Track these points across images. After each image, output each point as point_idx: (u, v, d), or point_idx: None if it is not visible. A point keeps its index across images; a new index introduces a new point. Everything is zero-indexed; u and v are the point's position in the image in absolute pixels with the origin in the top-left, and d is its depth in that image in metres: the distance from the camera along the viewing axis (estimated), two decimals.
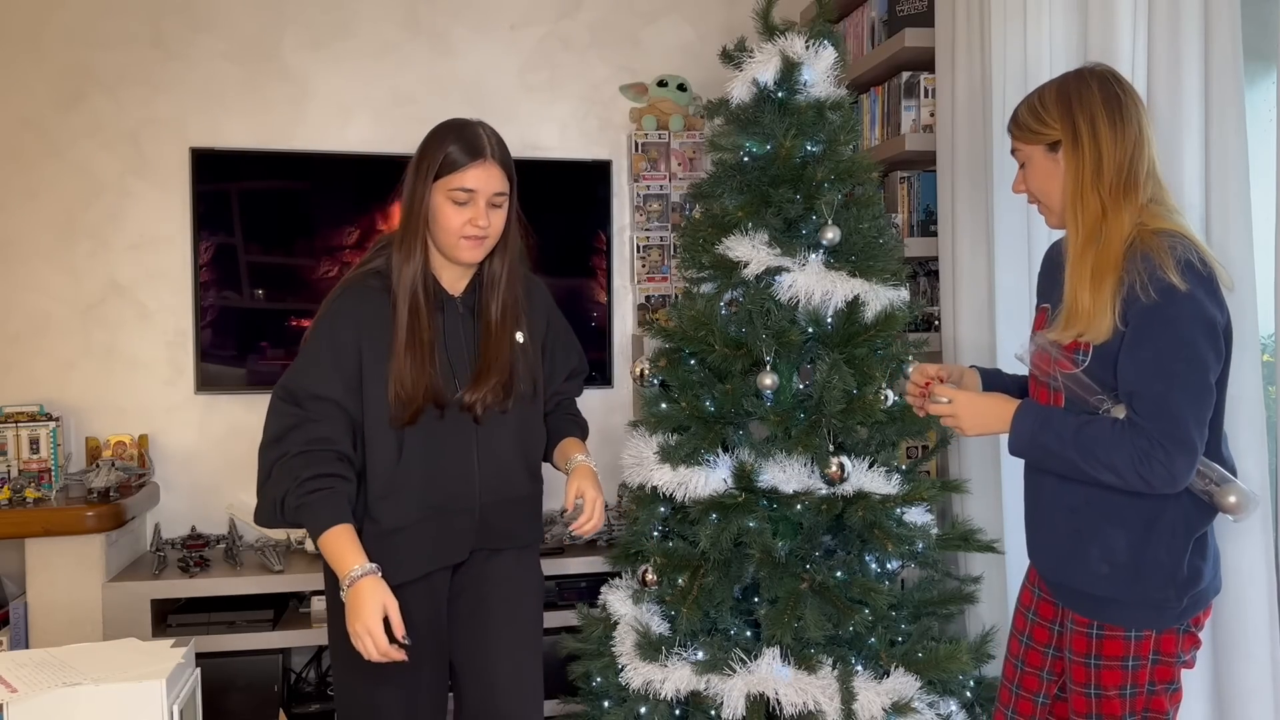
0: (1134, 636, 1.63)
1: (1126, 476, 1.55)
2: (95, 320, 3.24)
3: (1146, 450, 1.52)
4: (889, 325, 2.18)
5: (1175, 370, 1.52)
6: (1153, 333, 1.53)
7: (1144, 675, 1.63)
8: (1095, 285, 1.57)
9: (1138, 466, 1.53)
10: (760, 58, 2.24)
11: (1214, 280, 1.55)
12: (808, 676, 2.09)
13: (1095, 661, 1.66)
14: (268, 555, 3.02)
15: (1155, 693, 1.64)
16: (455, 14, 3.45)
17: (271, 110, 3.33)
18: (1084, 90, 1.63)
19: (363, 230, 3.32)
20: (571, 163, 3.49)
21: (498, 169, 1.81)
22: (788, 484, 2.14)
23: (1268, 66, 2.13)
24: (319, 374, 1.78)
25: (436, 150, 1.79)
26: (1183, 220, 1.64)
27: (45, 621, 2.83)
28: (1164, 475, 1.52)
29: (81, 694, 1.38)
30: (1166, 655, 1.64)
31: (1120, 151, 1.60)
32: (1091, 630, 1.66)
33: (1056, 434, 1.62)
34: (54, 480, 3.02)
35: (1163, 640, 1.63)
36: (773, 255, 2.20)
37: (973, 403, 1.74)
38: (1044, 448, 1.64)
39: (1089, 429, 1.59)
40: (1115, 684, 1.64)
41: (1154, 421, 1.53)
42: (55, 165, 3.21)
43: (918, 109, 2.84)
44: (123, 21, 3.24)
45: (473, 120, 1.85)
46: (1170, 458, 1.51)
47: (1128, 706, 1.64)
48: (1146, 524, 1.61)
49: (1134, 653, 1.63)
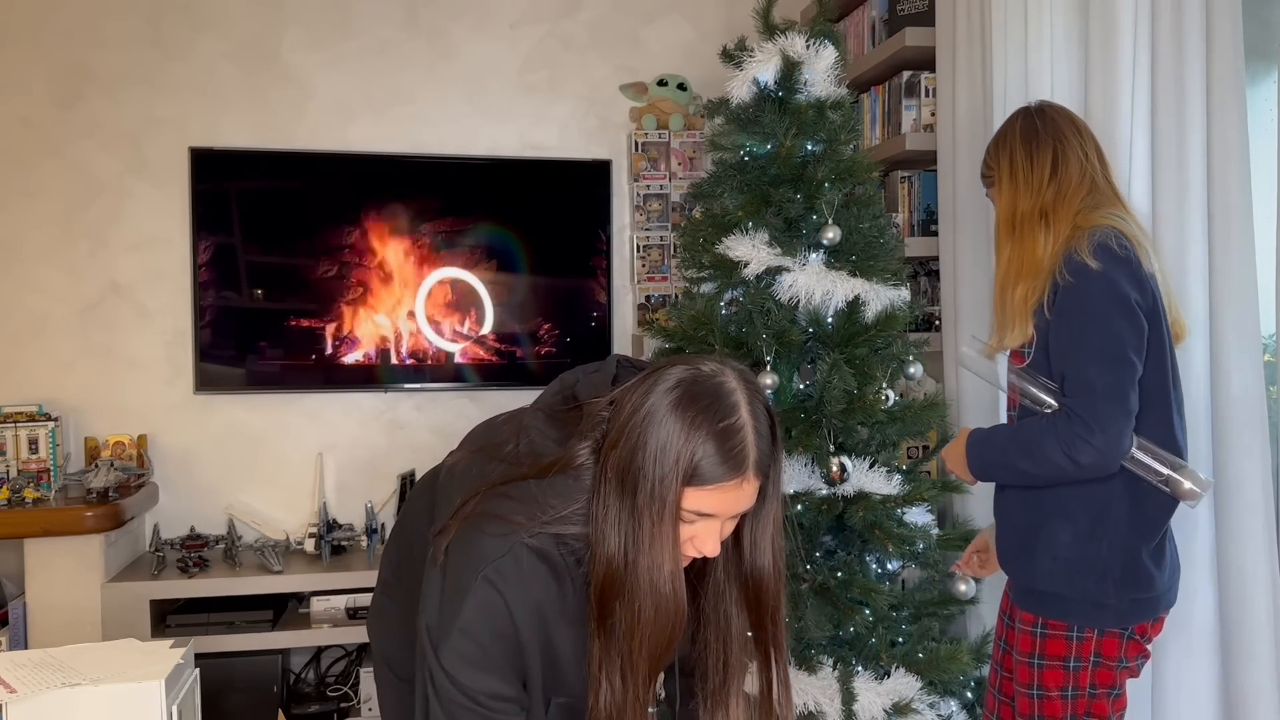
0: (1076, 637, 1.66)
1: (1061, 464, 1.59)
2: (94, 320, 3.24)
3: (1071, 432, 1.58)
4: (889, 325, 2.18)
5: (1090, 343, 1.59)
6: (1069, 311, 1.62)
7: (1085, 677, 1.66)
8: (1007, 297, 1.71)
9: (1066, 450, 1.58)
10: (761, 57, 2.24)
11: (1133, 261, 1.62)
12: (808, 677, 2.08)
13: (1039, 661, 1.69)
14: (267, 556, 3.02)
15: (1096, 696, 1.67)
16: (455, 14, 3.45)
17: (271, 110, 3.33)
18: (1008, 131, 1.81)
19: (362, 230, 3.31)
20: (571, 162, 3.49)
21: (754, 482, 1.19)
22: (788, 484, 2.14)
23: (1268, 66, 2.13)
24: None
25: (684, 444, 1.16)
26: (1121, 214, 1.71)
27: (44, 622, 2.83)
28: (1092, 453, 1.56)
29: (81, 694, 1.38)
30: (1108, 659, 1.66)
31: (1037, 178, 1.73)
32: (1036, 629, 1.70)
33: (997, 447, 1.71)
34: (53, 480, 3.01)
35: (1104, 643, 1.66)
36: (773, 255, 2.19)
37: (948, 451, 1.85)
38: (990, 463, 1.73)
39: (1021, 431, 1.67)
40: (1057, 685, 1.68)
41: (1075, 398, 1.59)
42: (54, 165, 3.21)
43: (918, 108, 2.83)
44: (122, 21, 3.24)
45: (740, 392, 1.19)
46: (1091, 433, 1.56)
47: (1069, 708, 1.67)
48: (1092, 519, 1.64)
49: (1075, 653, 1.66)
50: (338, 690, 3.18)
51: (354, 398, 3.36)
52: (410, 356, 3.36)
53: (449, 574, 1.25)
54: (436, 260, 3.35)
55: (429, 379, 3.37)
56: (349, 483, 3.37)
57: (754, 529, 1.26)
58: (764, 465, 1.19)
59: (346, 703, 3.11)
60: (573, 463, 1.22)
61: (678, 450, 1.15)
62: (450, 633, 1.23)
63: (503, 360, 3.41)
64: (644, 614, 1.19)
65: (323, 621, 2.99)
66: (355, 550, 3.22)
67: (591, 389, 1.27)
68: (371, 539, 3.13)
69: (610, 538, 1.19)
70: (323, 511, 3.19)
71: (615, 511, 1.19)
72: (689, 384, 1.18)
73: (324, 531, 3.12)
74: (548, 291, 3.46)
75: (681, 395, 1.17)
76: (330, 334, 3.31)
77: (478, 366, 3.40)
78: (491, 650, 1.24)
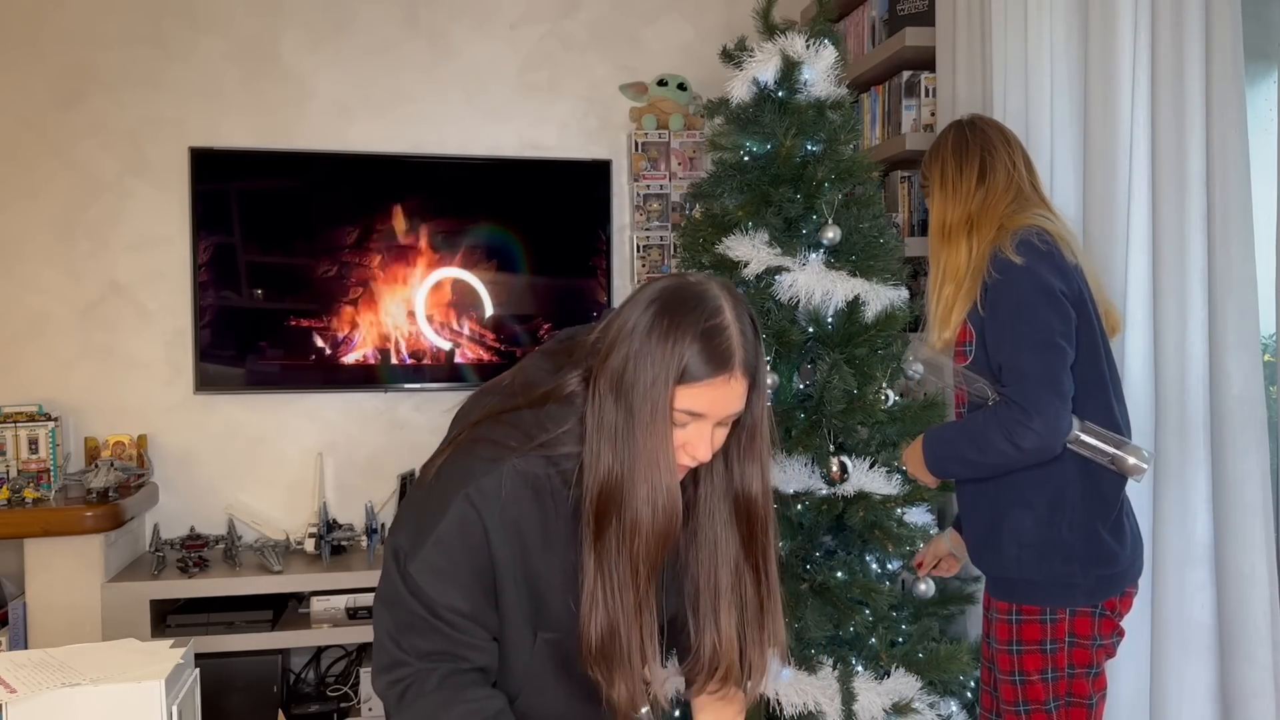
0: (1049, 620, 1.71)
1: (1006, 450, 1.65)
2: (94, 320, 3.24)
3: (1011, 419, 1.64)
4: (889, 325, 2.18)
5: (1020, 332, 1.67)
6: (998, 305, 1.70)
7: (1063, 658, 1.72)
8: (937, 298, 1.81)
9: (1008, 436, 1.64)
10: (761, 57, 2.24)
11: (1055, 254, 1.71)
12: (808, 677, 2.08)
13: (1017, 647, 1.74)
14: (267, 556, 3.02)
15: (1075, 676, 1.72)
16: (455, 13, 3.45)
17: (271, 110, 3.33)
18: (940, 144, 1.90)
19: (362, 230, 3.31)
20: (571, 162, 3.49)
21: (742, 381, 1.23)
22: (788, 484, 2.14)
23: (1268, 66, 2.13)
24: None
25: (673, 346, 1.19)
26: (1046, 214, 1.79)
27: (44, 622, 2.83)
28: (1031, 436, 1.62)
29: (80, 694, 1.38)
30: (1082, 638, 1.71)
31: (964, 187, 1.82)
32: (1011, 616, 1.75)
33: (947, 441, 1.79)
34: (53, 480, 3.01)
35: (1077, 622, 1.71)
36: (773, 255, 2.19)
37: (907, 454, 1.91)
38: (942, 458, 1.80)
39: (968, 424, 1.74)
40: (1037, 668, 1.72)
41: (1011, 386, 1.66)
42: (55, 165, 3.21)
43: (918, 108, 2.83)
44: (123, 21, 3.24)
45: (724, 298, 1.24)
46: (1030, 418, 1.62)
47: (1050, 690, 1.72)
48: (1050, 504, 1.70)
49: (1050, 635, 1.71)
50: (338, 690, 3.18)
51: (354, 398, 3.36)
52: (410, 356, 3.36)
53: (433, 493, 1.27)
54: (436, 260, 3.36)
55: (429, 379, 3.38)
56: (349, 483, 3.37)
57: (742, 443, 1.29)
58: (750, 366, 1.24)
59: (346, 703, 3.11)
60: (564, 389, 1.26)
61: (666, 351, 1.19)
62: (424, 545, 1.25)
63: (503, 360, 3.41)
64: (642, 517, 1.21)
65: (323, 621, 2.99)
66: (355, 550, 3.22)
67: (585, 333, 1.31)
68: (371, 539, 3.13)
69: (605, 449, 1.22)
70: (323, 511, 3.20)
71: (610, 421, 1.21)
72: (674, 290, 1.23)
73: (324, 531, 3.12)
74: (548, 291, 3.46)
75: (667, 301, 1.21)
76: (330, 334, 3.31)
77: (478, 366, 3.40)
78: (460, 562, 1.25)
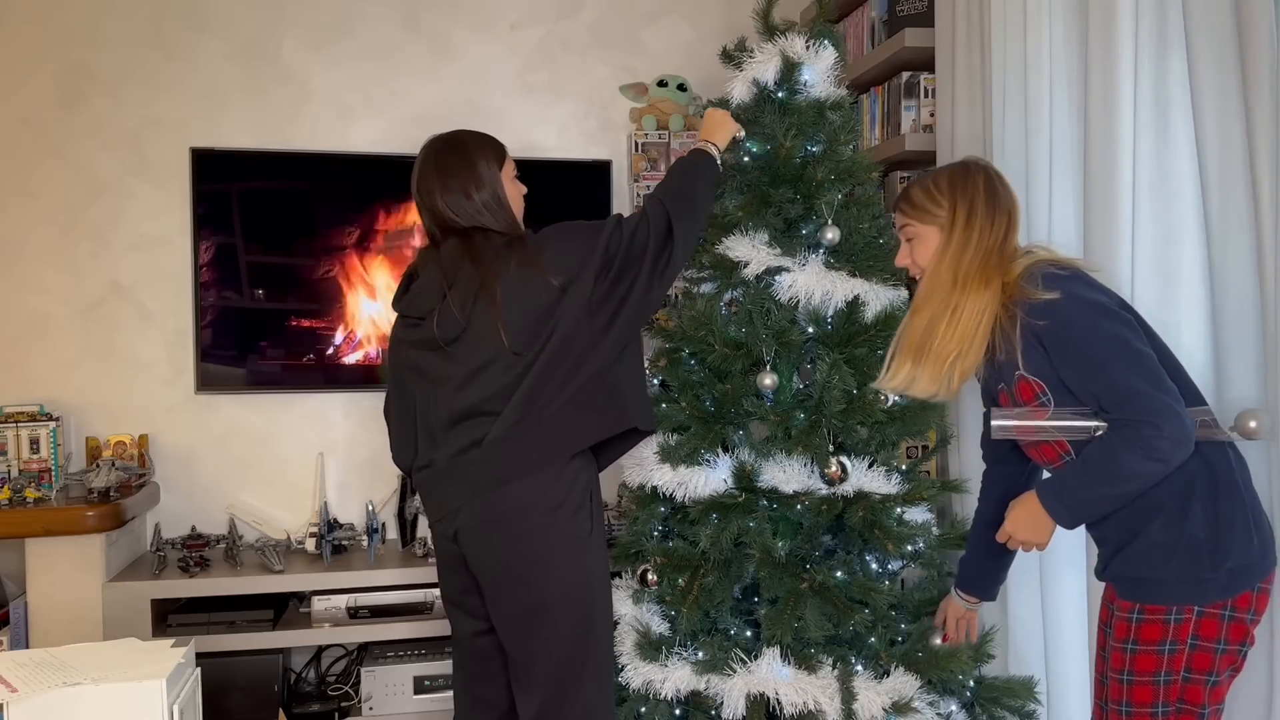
0: (1174, 620, 1.64)
1: (1149, 469, 1.61)
2: (95, 320, 3.24)
3: (1139, 437, 1.60)
4: (889, 325, 2.18)
5: (1102, 357, 1.64)
6: (1064, 347, 1.67)
7: (1180, 661, 1.64)
8: (929, 345, 1.76)
9: (1147, 455, 1.59)
10: (761, 58, 2.24)
11: (1078, 274, 1.71)
12: (808, 676, 2.09)
13: (1132, 646, 1.67)
14: (268, 555, 3.03)
15: (1191, 681, 1.65)
16: (455, 14, 3.45)
17: (272, 110, 3.34)
18: (969, 181, 1.84)
19: (363, 230, 3.32)
20: (571, 163, 3.49)
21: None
22: (788, 484, 2.15)
23: None
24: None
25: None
26: (1037, 251, 1.80)
27: (45, 621, 2.83)
28: (1168, 444, 1.59)
29: (81, 694, 1.38)
30: (1206, 640, 1.64)
31: (990, 238, 1.78)
32: (1133, 614, 1.68)
33: (1075, 486, 1.70)
34: (54, 480, 3.02)
35: (1203, 623, 1.64)
36: (773, 255, 2.20)
37: (1016, 522, 1.79)
38: (1078, 505, 1.71)
39: (1091, 459, 1.67)
40: (1150, 670, 1.65)
41: (1125, 409, 1.62)
42: (55, 165, 3.22)
43: (918, 109, 2.84)
44: (123, 22, 3.25)
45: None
46: (1160, 427, 1.58)
47: (1160, 694, 1.65)
48: (1179, 501, 1.65)
49: (1172, 636, 1.64)
50: (338, 690, 3.18)
51: (355, 397, 3.36)
52: None
53: None
54: None
55: None
56: (350, 482, 3.38)
57: None
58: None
59: (347, 702, 3.12)
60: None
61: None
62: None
63: None
64: None
65: (323, 621, 3.00)
66: (356, 550, 3.22)
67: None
68: (372, 538, 3.13)
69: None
70: (323, 511, 3.20)
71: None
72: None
73: (325, 531, 3.13)
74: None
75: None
76: (331, 334, 3.31)
77: None
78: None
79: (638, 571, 2.34)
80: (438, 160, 2.08)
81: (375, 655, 3.06)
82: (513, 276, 1.96)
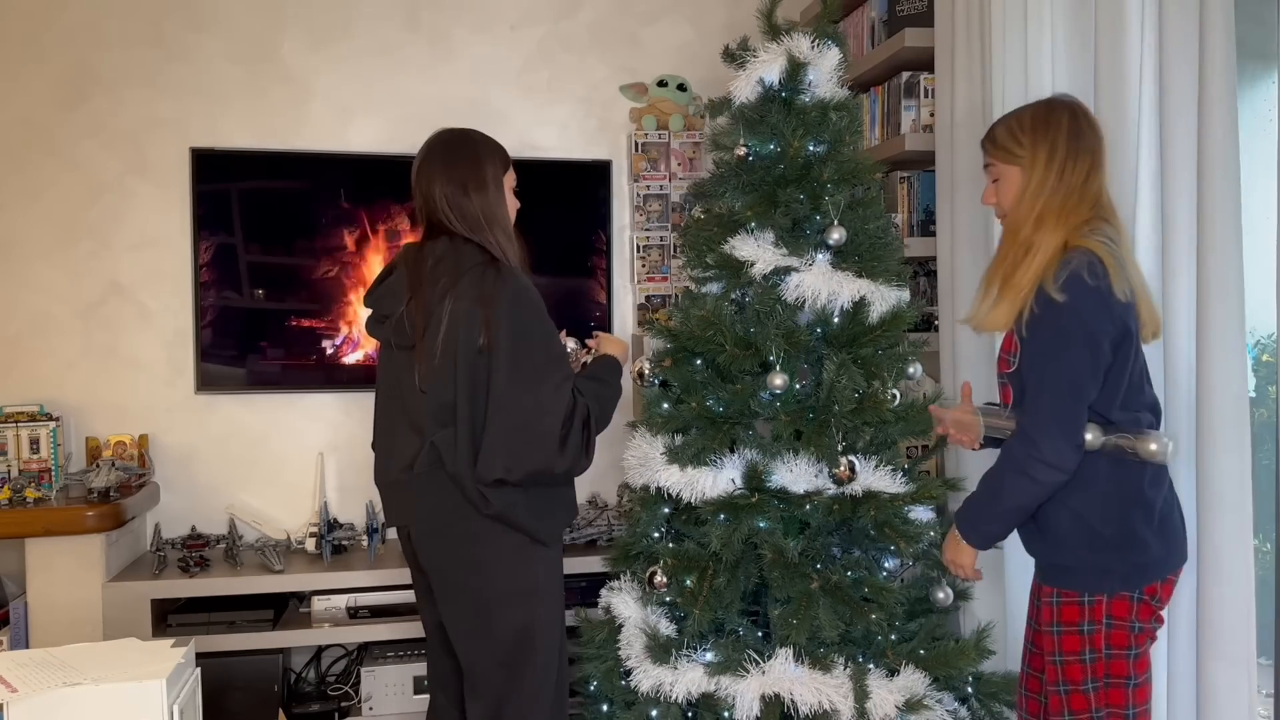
0: (1087, 602, 1.76)
1: (1028, 487, 1.76)
2: (95, 320, 3.24)
3: (1022, 455, 1.75)
4: (895, 325, 2.18)
5: (1045, 372, 1.73)
6: (1033, 340, 1.75)
7: (1099, 639, 1.76)
8: (1014, 278, 1.78)
9: (1024, 471, 1.74)
10: (765, 57, 2.24)
11: (1104, 291, 1.70)
12: (822, 676, 2.08)
13: (1057, 629, 1.79)
14: (268, 555, 3.03)
15: (1113, 656, 1.76)
16: (455, 14, 3.45)
17: (272, 111, 3.34)
18: (1053, 122, 1.82)
19: (363, 230, 3.32)
20: (571, 163, 3.49)
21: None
22: (796, 484, 2.14)
23: (1267, 67, 2.14)
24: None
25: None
26: (1106, 239, 1.77)
27: (45, 621, 2.83)
28: (1042, 468, 1.73)
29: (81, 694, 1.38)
30: (1119, 619, 1.75)
31: (1072, 178, 1.78)
32: (1054, 599, 1.80)
33: (973, 511, 1.88)
34: (54, 480, 3.02)
35: (1114, 605, 1.75)
36: (779, 255, 2.19)
37: (950, 550, 1.97)
38: (978, 526, 1.88)
39: (983, 486, 1.85)
40: (1074, 649, 1.77)
41: (1029, 416, 1.76)
42: (56, 165, 3.22)
43: (917, 109, 2.84)
44: (124, 22, 3.25)
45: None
46: (1040, 450, 1.72)
47: (1088, 671, 1.77)
48: (1083, 496, 1.76)
49: (1088, 617, 1.76)
50: (338, 689, 3.18)
51: (355, 397, 3.36)
52: None
53: None
54: None
55: None
56: (350, 482, 3.38)
57: None
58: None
59: (347, 702, 3.12)
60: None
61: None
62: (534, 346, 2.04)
63: None
64: None
65: (323, 621, 3.00)
66: (356, 550, 3.22)
67: None
68: (372, 538, 3.13)
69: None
70: (323, 511, 3.20)
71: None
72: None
73: (325, 531, 3.13)
74: (548, 291, 3.37)
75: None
76: (331, 334, 3.31)
77: None
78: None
79: (644, 573, 2.33)
80: (445, 150, 2.09)
81: (375, 655, 3.06)
82: (464, 309, 1.96)
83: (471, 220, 2.04)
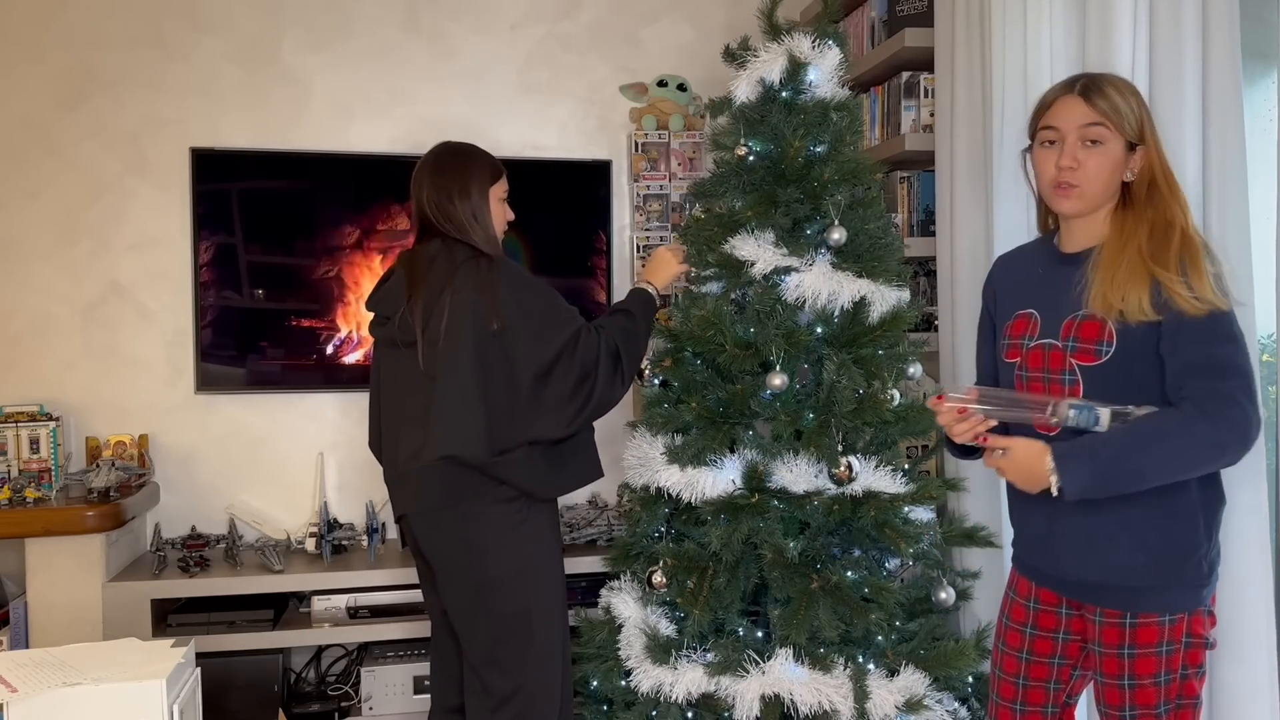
0: (1168, 621, 1.64)
1: (1209, 447, 1.54)
2: (95, 320, 3.25)
3: (1224, 410, 1.53)
4: (895, 325, 2.18)
5: (1222, 352, 1.56)
6: (1192, 332, 1.57)
7: (1177, 660, 1.64)
8: (1141, 268, 1.61)
9: (1221, 430, 1.53)
10: (766, 57, 2.24)
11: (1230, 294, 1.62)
12: (823, 676, 2.08)
13: (1129, 651, 1.65)
14: (268, 555, 3.03)
15: (1188, 677, 1.65)
16: (455, 14, 3.45)
17: (272, 111, 3.34)
18: (1138, 95, 1.71)
19: (363, 230, 3.32)
20: (571, 163, 3.49)
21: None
22: (796, 484, 2.14)
23: (1268, 66, 2.14)
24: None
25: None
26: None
27: (45, 621, 2.83)
28: (1241, 451, 1.55)
29: (81, 694, 1.38)
30: (1197, 637, 1.65)
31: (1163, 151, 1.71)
32: (1124, 620, 1.66)
33: (1115, 450, 1.57)
34: (54, 480, 3.02)
35: (1194, 621, 1.64)
36: (779, 255, 2.19)
37: (1013, 466, 1.67)
38: (1111, 471, 1.57)
39: (1144, 425, 1.57)
40: (1150, 672, 1.64)
41: (1227, 379, 1.54)
42: (56, 165, 3.22)
43: (917, 109, 2.84)
44: (124, 22, 3.25)
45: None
46: (1253, 429, 1.54)
47: (1162, 694, 1.64)
48: (1168, 508, 1.62)
49: (1168, 638, 1.63)
50: (338, 689, 3.18)
51: (355, 397, 3.36)
52: None
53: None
54: None
55: None
56: (350, 482, 3.38)
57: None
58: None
59: (347, 702, 3.12)
60: None
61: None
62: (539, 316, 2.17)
63: None
64: None
65: (323, 621, 3.00)
66: (356, 550, 3.22)
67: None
68: (372, 538, 3.13)
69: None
70: (323, 511, 3.20)
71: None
72: None
73: (325, 531, 3.13)
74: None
75: None
76: (331, 334, 3.31)
77: None
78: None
79: (645, 574, 2.33)
80: (436, 160, 2.27)
81: (375, 655, 3.06)
82: (463, 299, 2.10)
83: (457, 223, 2.21)
